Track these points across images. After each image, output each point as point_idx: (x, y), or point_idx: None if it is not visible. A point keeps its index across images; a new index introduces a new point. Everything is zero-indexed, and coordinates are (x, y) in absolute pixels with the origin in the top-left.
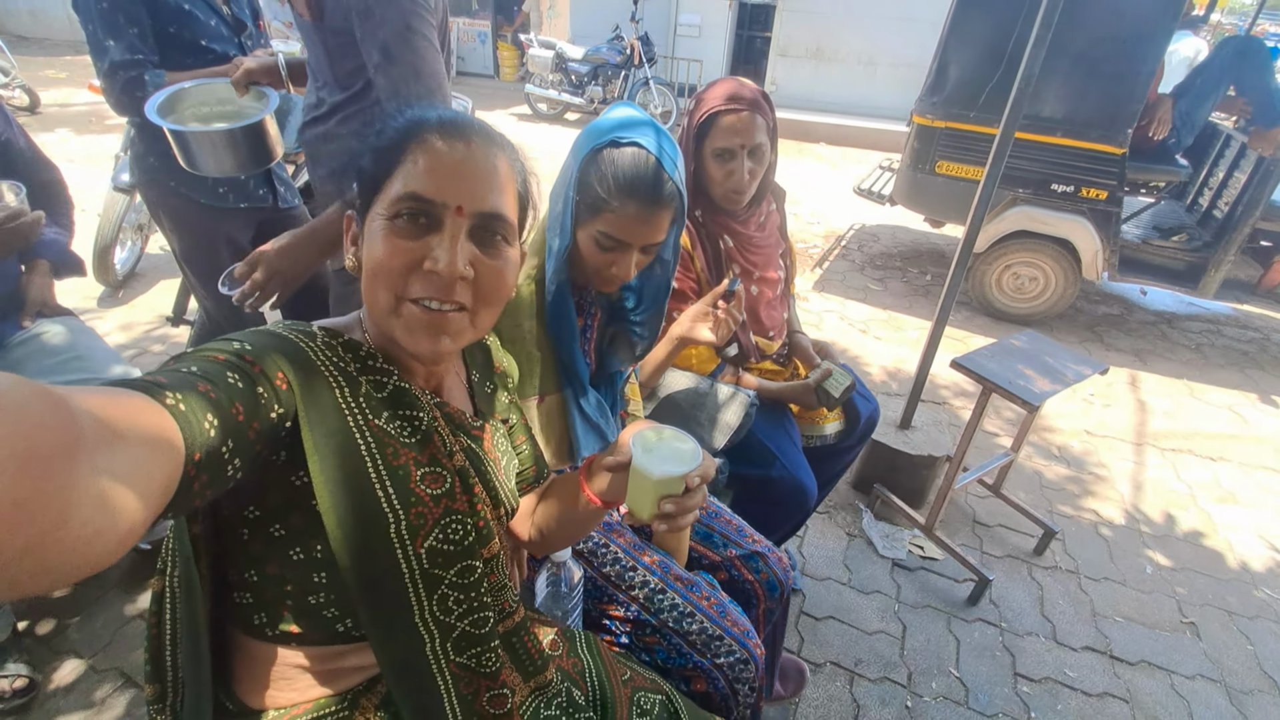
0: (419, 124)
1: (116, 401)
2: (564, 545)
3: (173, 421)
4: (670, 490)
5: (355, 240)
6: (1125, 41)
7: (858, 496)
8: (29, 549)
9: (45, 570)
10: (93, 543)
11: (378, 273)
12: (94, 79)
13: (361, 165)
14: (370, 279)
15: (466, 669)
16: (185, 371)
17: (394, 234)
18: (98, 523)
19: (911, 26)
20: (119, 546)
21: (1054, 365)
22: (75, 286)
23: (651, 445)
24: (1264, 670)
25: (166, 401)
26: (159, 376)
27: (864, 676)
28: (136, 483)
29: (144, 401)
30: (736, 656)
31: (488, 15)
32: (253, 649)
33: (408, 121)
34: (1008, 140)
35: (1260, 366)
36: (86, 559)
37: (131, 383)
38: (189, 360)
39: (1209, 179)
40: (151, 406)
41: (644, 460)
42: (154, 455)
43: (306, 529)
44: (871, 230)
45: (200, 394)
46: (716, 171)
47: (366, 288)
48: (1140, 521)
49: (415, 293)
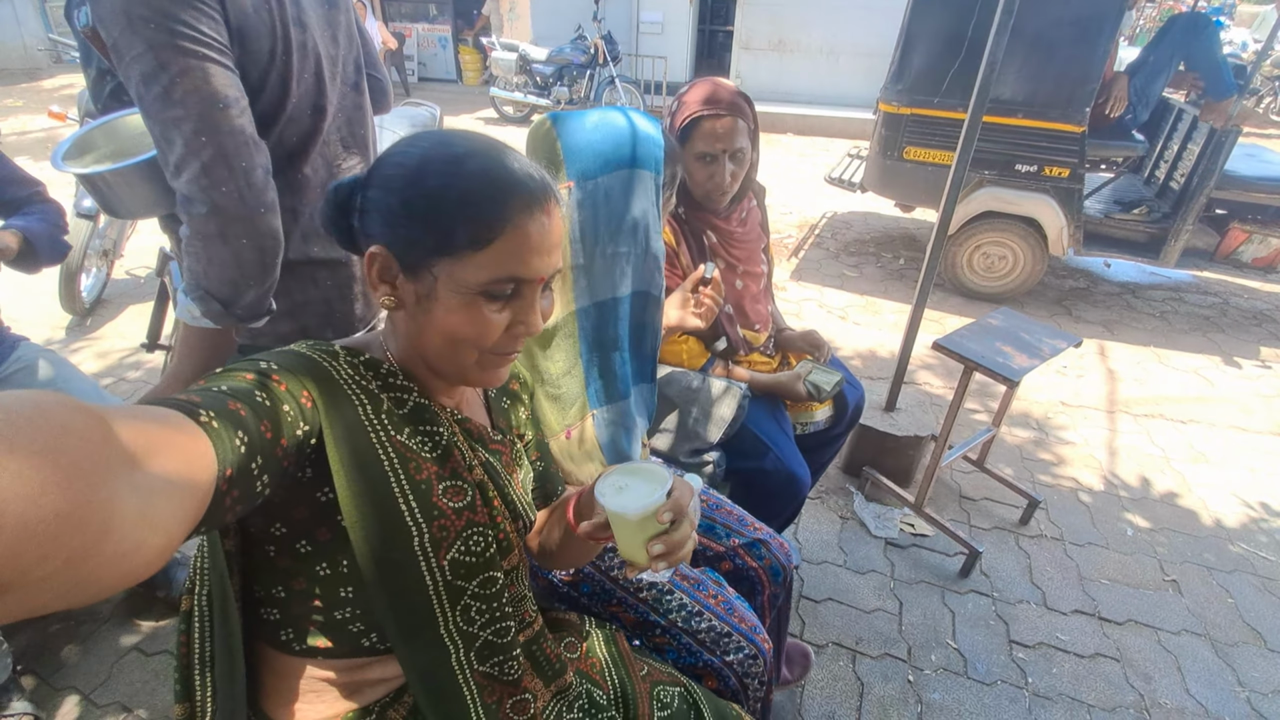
0: (510, 203)
1: (153, 419)
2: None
3: (207, 439)
4: (654, 529)
5: (391, 279)
6: (1079, 23)
7: (848, 480)
8: (71, 561)
9: (87, 582)
10: (132, 556)
11: (465, 339)
12: (52, 105)
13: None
14: (452, 344)
15: (490, 677)
16: (217, 390)
17: (485, 307)
18: (136, 536)
19: (872, 16)
20: (157, 559)
21: (1030, 341)
22: (42, 318)
23: (623, 488)
24: (1246, 621)
25: (200, 419)
26: (193, 395)
27: (866, 654)
28: (173, 498)
29: (179, 419)
30: (745, 653)
31: (447, 20)
32: (280, 664)
33: (500, 194)
34: (976, 125)
35: (1222, 330)
36: (126, 572)
37: (168, 401)
38: (219, 380)
39: (1164, 152)
40: (186, 424)
41: (617, 505)
42: (189, 471)
43: (333, 544)
44: (844, 218)
45: (231, 412)
46: (699, 173)
47: (442, 345)
48: (1118, 486)
49: (500, 348)
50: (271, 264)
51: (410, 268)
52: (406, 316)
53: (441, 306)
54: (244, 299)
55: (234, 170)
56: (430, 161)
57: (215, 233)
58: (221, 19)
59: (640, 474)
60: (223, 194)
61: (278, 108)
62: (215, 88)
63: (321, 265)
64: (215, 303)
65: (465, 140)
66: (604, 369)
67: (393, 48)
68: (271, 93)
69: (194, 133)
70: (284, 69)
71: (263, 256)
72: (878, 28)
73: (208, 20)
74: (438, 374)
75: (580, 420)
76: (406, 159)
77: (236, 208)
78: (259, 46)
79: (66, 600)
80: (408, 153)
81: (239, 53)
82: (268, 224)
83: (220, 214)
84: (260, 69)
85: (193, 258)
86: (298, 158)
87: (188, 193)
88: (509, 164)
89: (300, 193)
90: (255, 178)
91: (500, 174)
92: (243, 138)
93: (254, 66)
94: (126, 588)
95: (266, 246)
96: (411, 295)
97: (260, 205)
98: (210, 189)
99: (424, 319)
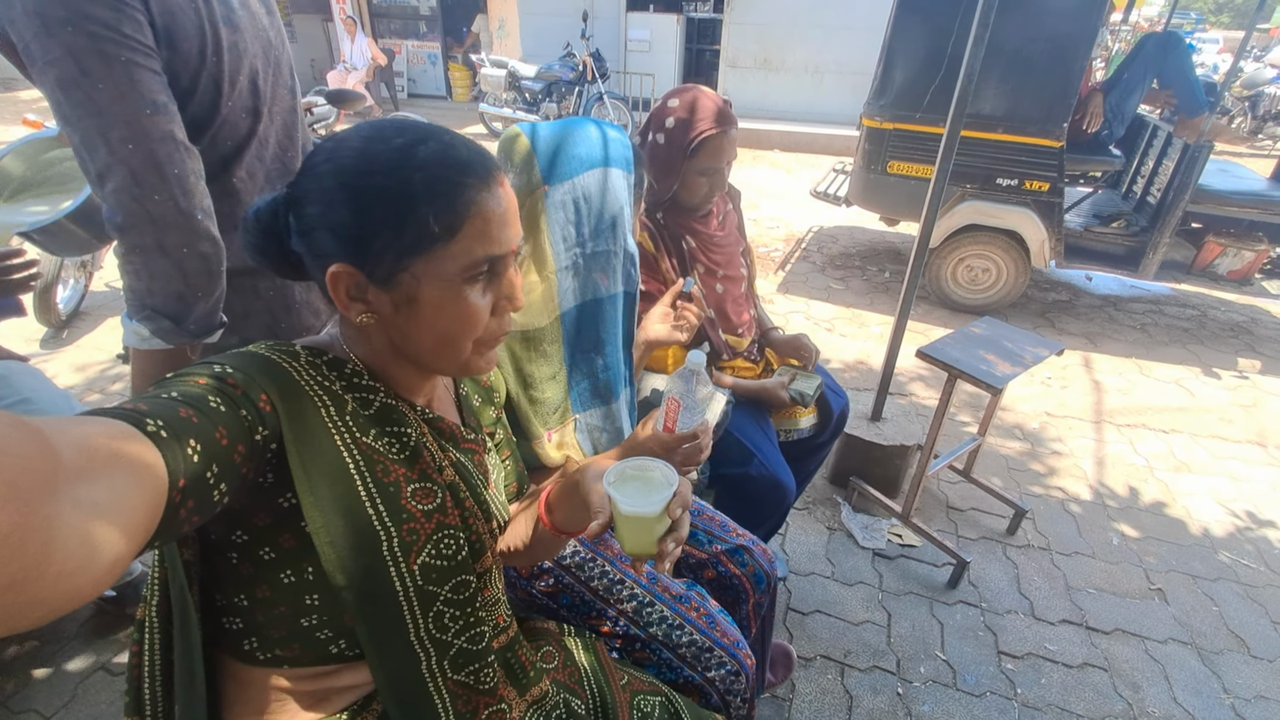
0: (469, 182)
1: (96, 431)
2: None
3: (155, 449)
4: (665, 525)
5: (361, 296)
6: (1056, 40)
7: (835, 490)
8: (11, 585)
9: (29, 605)
10: (76, 575)
11: (461, 333)
12: (27, 114)
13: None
14: (447, 340)
15: (465, 686)
16: (166, 397)
17: (472, 294)
18: (81, 556)
19: (854, 35)
20: (104, 579)
21: (1013, 349)
22: (16, 329)
23: (628, 480)
24: (1230, 630)
25: (148, 429)
26: (140, 404)
27: (854, 667)
28: (119, 514)
29: (124, 429)
30: (728, 669)
31: (437, 37)
32: (243, 674)
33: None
34: (954, 138)
35: (1200, 341)
36: (70, 592)
37: (111, 411)
38: (170, 385)
39: (1141, 167)
40: (132, 435)
41: (631, 503)
42: (136, 485)
43: (297, 551)
44: (829, 231)
45: (183, 419)
46: (701, 186)
47: (436, 345)
48: (1104, 496)
49: (491, 332)
50: (217, 271)
51: (383, 278)
52: (382, 327)
53: (427, 307)
54: (194, 312)
55: (166, 178)
56: (373, 159)
57: (153, 245)
58: (146, 19)
59: (638, 471)
60: (156, 203)
61: (211, 111)
62: (141, 92)
63: (261, 275)
64: (165, 320)
65: (396, 127)
66: (588, 371)
67: (382, 63)
68: (204, 95)
69: (120, 140)
70: (215, 70)
71: (207, 264)
72: (860, 46)
73: (130, 21)
74: (433, 371)
75: (561, 425)
76: (341, 162)
77: (173, 216)
78: (188, 47)
79: (9, 625)
80: (338, 156)
81: (168, 54)
82: (206, 230)
83: (155, 224)
84: (191, 71)
85: (132, 275)
86: (232, 163)
87: (115, 203)
88: (453, 142)
89: (235, 198)
90: (189, 184)
91: (451, 155)
92: (173, 143)
93: (184, 68)
94: (74, 609)
95: (209, 253)
96: (388, 305)
97: (197, 211)
98: (142, 198)
99: (409, 325)
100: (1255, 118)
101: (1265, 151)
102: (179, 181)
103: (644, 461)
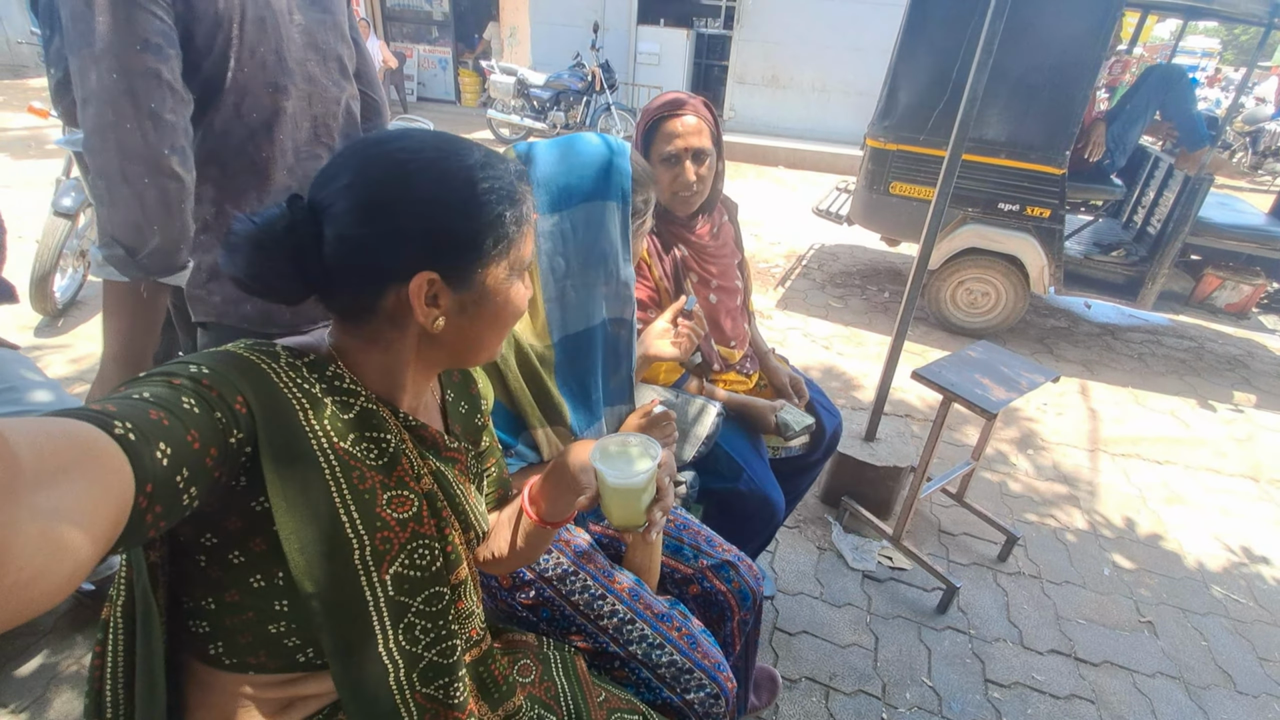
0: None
1: (59, 433)
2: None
3: (121, 452)
4: (651, 493)
5: (439, 302)
6: (1060, 69)
7: (826, 510)
8: None
9: None
10: (34, 584)
11: (513, 322)
12: (33, 101)
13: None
14: (501, 331)
15: (433, 700)
16: (137, 398)
17: (521, 286)
18: (38, 564)
19: (862, 56)
20: (64, 586)
21: (1009, 374)
22: (9, 317)
23: (611, 456)
24: (1219, 665)
25: (115, 431)
26: (108, 404)
27: (839, 690)
28: (81, 519)
29: (89, 431)
30: (707, 691)
31: (448, 42)
32: (208, 678)
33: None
34: (956, 161)
35: (1197, 373)
36: (28, 601)
37: (77, 412)
38: (143, 385)
39: (1141, 198)
40: (97, 437)
41: (618, 475)
42: (101, 489)
43: (267, 556)
44: (831, 250)
45: (152, 422)
46: (664, 176)
47: (493, 338)
48: (1097, 525)
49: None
50: (176, 208)
51: (462, 280)
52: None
53: (493, 301)
54: (148, 244)
55: (140, 109)
56: (470, 165)
57: (116, 171)
58: None
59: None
60: (126, 131)
61: (221, 71)
62: (135, 29)
63: None
64: (119, 248)
65: (446, 142)
66: (580, 397)
67: (393, 66)
68: (218, 56)
69: (107, 70)
70: (229, 34)
71: (164, 197)
72: (867, 67)
73: None
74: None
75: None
76: (406, 177)
77: (139, 147)
78: (205, 7)
79: None
80: (428, 166)
81: (183, 8)
82: (170, 167)
83: (121, 151)
84: (205, 31)
85: (98, 201)
86: (261, 138)
87: (89, 127)
88: (495, 156)
89: (262, 173)
90: (164, 120)
91: (498, 160)
92: (157, 80)
93: (198, 27)
94: (34, 616)
95: (169, 188)
96: (456, 306)
97: (164, 146)
98: (116, 125)
99: (473, 322)
100: (1256, 153)
101: (1265, 187)
102: (153, 116)
103: (625, 437)
